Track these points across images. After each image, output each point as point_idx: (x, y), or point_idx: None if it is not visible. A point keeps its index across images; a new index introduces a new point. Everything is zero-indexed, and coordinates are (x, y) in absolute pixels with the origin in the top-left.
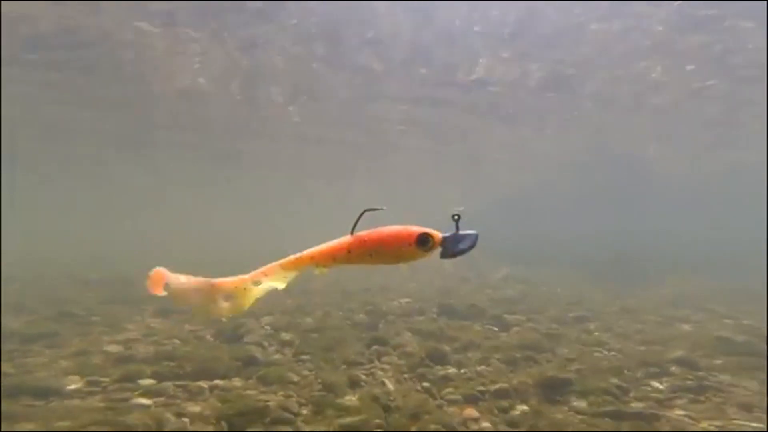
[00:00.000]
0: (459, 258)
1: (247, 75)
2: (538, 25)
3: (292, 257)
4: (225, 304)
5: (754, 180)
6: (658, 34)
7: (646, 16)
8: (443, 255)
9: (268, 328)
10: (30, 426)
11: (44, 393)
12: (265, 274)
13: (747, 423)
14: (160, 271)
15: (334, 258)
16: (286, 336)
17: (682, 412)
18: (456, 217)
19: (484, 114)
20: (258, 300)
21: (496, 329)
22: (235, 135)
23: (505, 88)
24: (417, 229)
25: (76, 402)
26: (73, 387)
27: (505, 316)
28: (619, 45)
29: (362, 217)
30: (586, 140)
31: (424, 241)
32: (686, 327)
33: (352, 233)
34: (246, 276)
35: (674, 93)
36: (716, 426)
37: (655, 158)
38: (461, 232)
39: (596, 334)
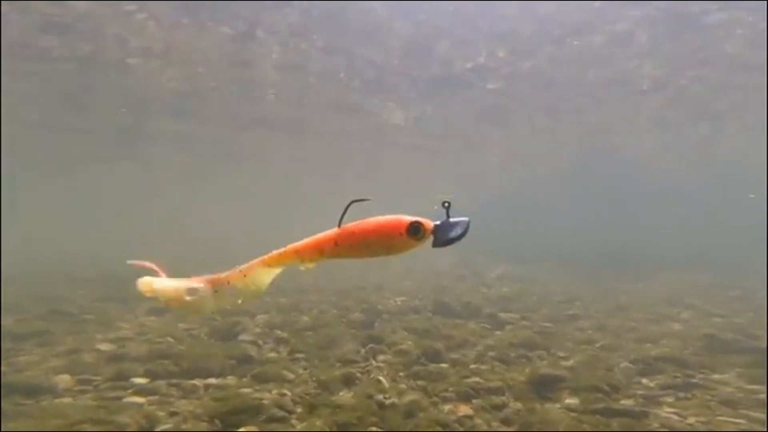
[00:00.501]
0: (455, 256)
1: (241, 66)
2: (533, 23)
3: (274, 253)
4: (204, 302)
5: (748, 177)
6: (649, 31)
7: (637, 14)
8: (435, 244)
9: (263, 326)
10: (21, 424)
11: (35, 391)
12: (244, 273)
13: (731, 420)
14: (147, 279)
15: (321, 252)
16: (281, 334)
17: (670, 410)
18: (446, 204)
19: (478, 111)
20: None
21: (490, 327)
22: (230, 128)
23: (499, 85)
24: (408, 218)
25: (68, 400)
26: (64, 386)
27: (500, 314)
28: (611, 43)
29: (350, 211)
30: (580, 137)
31: (415, 230)
32: (676, 325)
33: (339, 225)
34: (222, 275)
35: (667, 90)
36: (702, 422)
37: (648, 155)
38: (452, 219)
39: (589, 332)
